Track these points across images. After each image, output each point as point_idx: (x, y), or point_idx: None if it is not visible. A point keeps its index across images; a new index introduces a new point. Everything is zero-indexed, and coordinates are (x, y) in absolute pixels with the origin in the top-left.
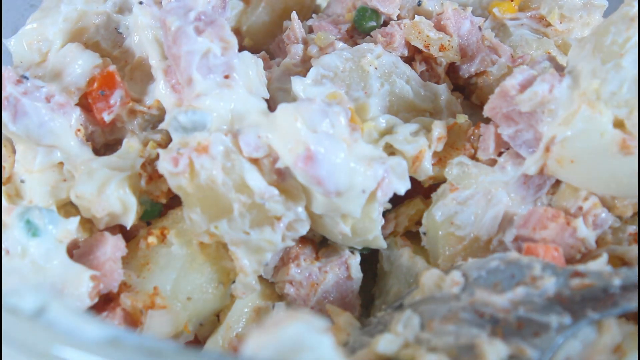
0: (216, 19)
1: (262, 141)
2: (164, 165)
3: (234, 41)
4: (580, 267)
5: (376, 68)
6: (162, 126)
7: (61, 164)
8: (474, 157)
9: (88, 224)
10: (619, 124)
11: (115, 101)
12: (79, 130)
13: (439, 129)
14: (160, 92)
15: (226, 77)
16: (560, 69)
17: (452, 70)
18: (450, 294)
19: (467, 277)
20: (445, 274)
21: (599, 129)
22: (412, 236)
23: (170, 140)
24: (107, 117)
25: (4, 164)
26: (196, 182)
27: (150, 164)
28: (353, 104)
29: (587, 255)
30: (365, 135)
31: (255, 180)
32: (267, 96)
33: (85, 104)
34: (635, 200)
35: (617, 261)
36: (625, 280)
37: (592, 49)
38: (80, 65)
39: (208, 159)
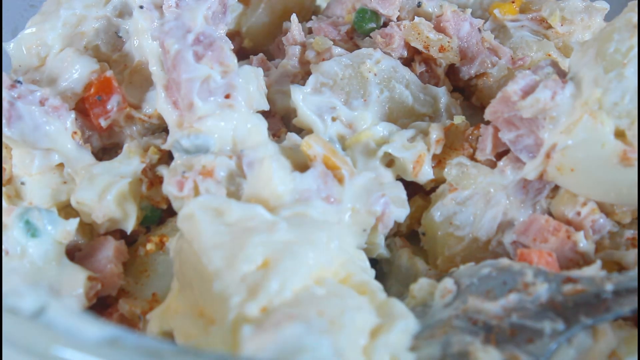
0: (215, 40)
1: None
2: (168, 189)
3: (233, 64)
4: (573, 273)
5: (375, 74)
6: (164, 147)
7: (61, 165)
8: (472, 157)
9: (88, 227)
10: (620, 135)
11: (112, 106)
12: (75, 133)
13: (436, 131)
14: (161, 106)
15: (227, 96)
16: (562, 74)
17: (452, 71)
18: (443, 301)
19: (460, 284)
20: (437, 282)
21: (601, 140)
22: (411, 237)
23: None
24: (103, 123)
25: (4, 165)
26: None
27: (151, 169)
28: (352, 112)
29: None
30: (363, 146)
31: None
32: (267, 108)
33: (82, 108)
34: (634, 207)
35: (614, 266)
36: (617, 286)
37: (595, 55)
38: (78, 70)
39: (213, 183)
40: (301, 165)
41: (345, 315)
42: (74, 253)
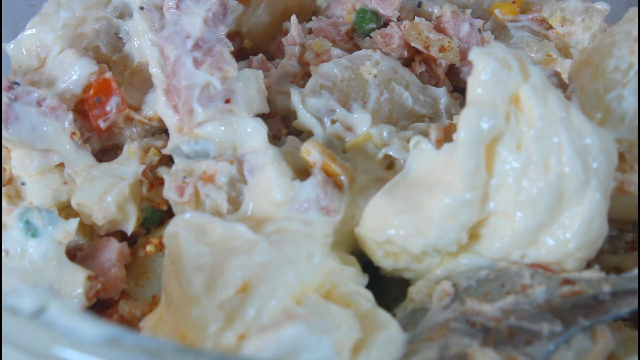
0: (214, 45)
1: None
2: (169, 195)
3: (233, 69)
4: (570, 275)
5: (375, 76)
6: (165, 151)
7: (61, 166)
8: None
9: (89, 227)
10: (619, 158)
11: (111, 108)
12: (74, 133)
13: (435, 131)
14: (161, 110)
15: (227, 101)
16: (564, 86)
17: (452, 72)
18: (441, 304)
19: (457, 287)
20: (435, 284)
21: None
22: None
23: None
24: (102, 124)
25: (4, 165)
26: (200, 210)
27: (151, 170)
28: (351, 115)
29: None
30: (363, 149)
31: None
32: (267, 111)
33: (81, 109)
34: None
35: (613, 271)
36: (615, 287)
37: (595, 69)
38: (77, 71)
39: (214, 189)
40: (301, 169)
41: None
42: (75, 253)
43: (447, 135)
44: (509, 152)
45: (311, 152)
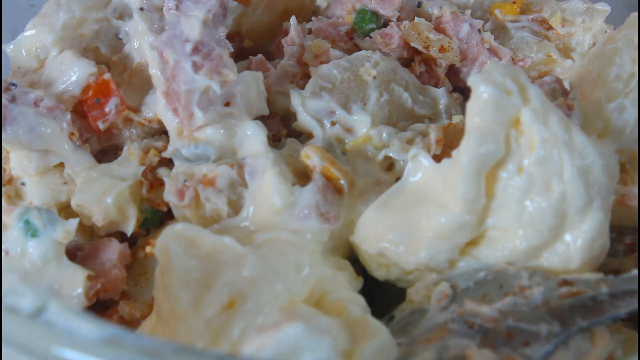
0: (214, 48)
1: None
2: (169, 198)
3: (233, 72)
4: (569, 276)
5: (374, 77)
6: (165, 155)
7: (61, 166)
8: None
9: (89, 228)
10: (620, 168)
11: (110, 109)
12: (72, 134)
13: (434, 132)
14: (161, 112)
15: (227, 104)
16: (565, 93)
17: (452, 72)
18: (439, 305)
19: (456, 288)
20: (433, 285)
21: None
22: None
23: None
24: (101, 125)
25: (4, 166)
26: (200, 213)
27: (151, 171)
28: (351, 117)
29: None
30: (362, 150)
31: None
32: (267, 112)
33: (80, 110)
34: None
35: (612, 274)
36: (612, 288)
37: (596, 78)
38: (76, 72)
39: (214, 192)
40: (301, 172)
41: None
42: (75, 253)
43: (446, 136)
44: (511, 175)
45: (311, 157)
